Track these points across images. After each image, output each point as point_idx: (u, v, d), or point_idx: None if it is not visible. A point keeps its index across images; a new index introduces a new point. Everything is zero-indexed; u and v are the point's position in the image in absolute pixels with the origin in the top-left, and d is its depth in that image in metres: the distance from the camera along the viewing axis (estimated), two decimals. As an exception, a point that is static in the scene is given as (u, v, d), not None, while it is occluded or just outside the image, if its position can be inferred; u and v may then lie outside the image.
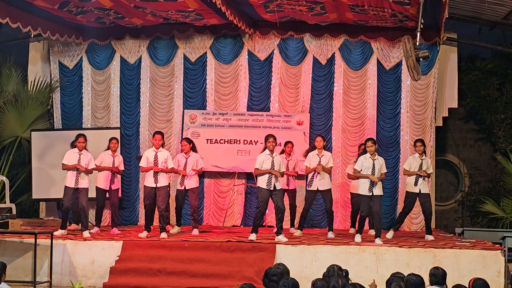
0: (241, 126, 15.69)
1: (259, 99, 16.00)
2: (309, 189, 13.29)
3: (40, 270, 11.42)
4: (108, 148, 13.98)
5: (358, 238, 12.20)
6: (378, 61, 15.71)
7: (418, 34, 11.47)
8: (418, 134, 15.34)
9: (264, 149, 12.54)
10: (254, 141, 15.58)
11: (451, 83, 15.95)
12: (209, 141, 15.49)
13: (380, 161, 12.51)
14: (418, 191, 13.08)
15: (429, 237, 12.94)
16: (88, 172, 13.13)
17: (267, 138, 12.52)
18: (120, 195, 14.81)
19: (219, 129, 15.67)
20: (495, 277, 10.76)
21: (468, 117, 17.43)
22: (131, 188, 16.02)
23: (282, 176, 12.86)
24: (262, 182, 12.34)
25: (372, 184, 12.32)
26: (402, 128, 15.63)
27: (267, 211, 15.57)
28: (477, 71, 17.15)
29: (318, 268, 10.45)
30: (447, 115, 16.09)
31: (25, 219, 14.48)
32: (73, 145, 13.37)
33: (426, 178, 13.18)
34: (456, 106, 16.14)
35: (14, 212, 14.14)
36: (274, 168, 12.34)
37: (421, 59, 11.37)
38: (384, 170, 12.65)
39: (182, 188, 13.47)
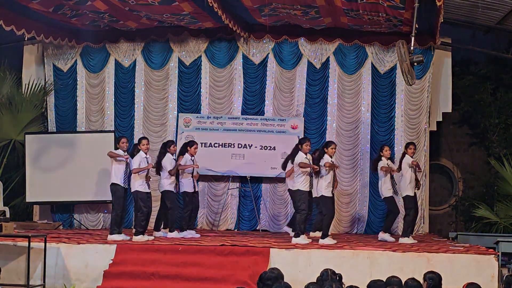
0: (235, 130, 15.68)
1: (253, 103, 16.00)
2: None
3: (33, 273, 11.39)
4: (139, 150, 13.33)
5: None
6: (372, 65, 15.74)
7: (413, 38, 11.48)
8: (412, 138, 15.34)
9: (298, 151, 12.80)
10: (249, 144, 15.59)
11: (445, 88, 15.98)
12: (203, 144, 15.43)
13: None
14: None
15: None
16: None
17: (304, 141, 12.87)
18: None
19: (214, 133, 15.66)
20: (489, 282, 10.76)
21: (462, 121, 17.46)
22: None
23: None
24: (303, 185, 12.61)
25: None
26: (396, 132, 15.64)
27: (260, 214, 15.75)
28: (471, 76, 17.18)
29: (312, 272, 10.38)
30: (441, 119, 16.12)
31: (18, 222, 14.45)
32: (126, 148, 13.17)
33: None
34: (450, 111, 16.17)
35: (7, 215, 14.12)
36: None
37: (415, 64, 11.39)
38: None
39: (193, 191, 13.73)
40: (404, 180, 13.25)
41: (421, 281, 7.49)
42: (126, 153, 12.95)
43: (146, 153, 12.94)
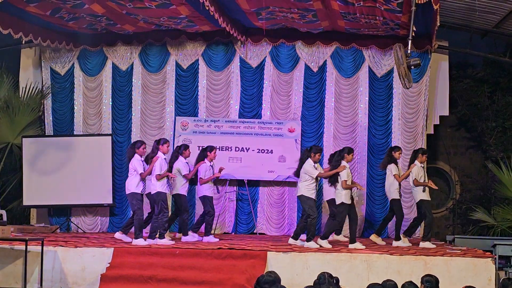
0: (232, 133, 15.69)
1: (250, 106, 16.00)
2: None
3: (30, 277, 11.37)
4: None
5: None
6: (369, 69, 15.75)
7: (410, 42, 11.49)
8: (409, 142, 15.38)
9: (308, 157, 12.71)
10: (246, 148, 15.58)
11: (442, 91, 15.99)
12: (200, 148, 15.42)
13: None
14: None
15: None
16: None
17: (317, 150, 12.78)
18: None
19: (211, 136, 15.65)
20: (486, 285, 10.76)
21: (459, 124, 17.46)
22: (123, 195, 15.95)
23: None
24: (306, 191, 12.57)
25: None
26: (393, 135, 15.65)
27: (258, 217, 15.75)
28: (468, 79, 17.19)
29: (309, 275, 10.41)
30: (438, 122, 16.13)
31: (15, 226, 14.41)
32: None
33: None
34: (448, 114, 16.19)
35: (4, 218, 14.08)
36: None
37: (412, 67, 11.39)
38: None
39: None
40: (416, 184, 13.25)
41: (419, 284, 7.51)
42: (142, 158, 12.86)
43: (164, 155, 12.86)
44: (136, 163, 12.67)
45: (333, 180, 12.68)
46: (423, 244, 12.97)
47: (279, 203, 15.77)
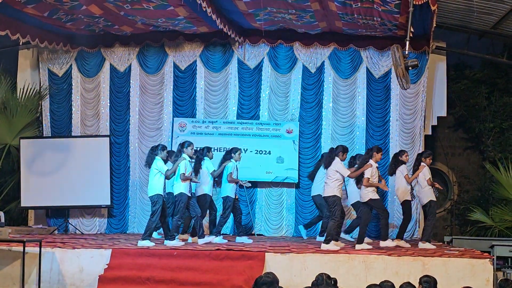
0: (230, 134, 15.69)
1: (248, 107, 16.00)
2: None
3: (28, 278, 11.35)
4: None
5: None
6: (367, 70, 15.75)
7: (407, 43, 11.48)
8: (407, 143, 15.39)
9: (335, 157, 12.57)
10: (244, 149, 15.54)
11: (440, 92, 16.00)
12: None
13: None
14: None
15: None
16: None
17: (346, 150, 12.70)
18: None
19: (209, 137, 15.64)
20: (484, 286, 10.76)
21: (457, 125, 17.48)
22: (121, 196, 15.96)
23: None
24: (338, 190, 12.40)
25: None
26: (391, 136, 15.66)
27: (256, 219, 15.74)
28: (466, 80, 17.20)
29: (307, 276, 10.39)
30: (436, 123, 16.14)
31: (13, 227, 14.38)
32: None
33: None
34: (445, 115, 16.20)
35: (2, 220, 14.07)
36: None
37: (410, 68, 11.38)
38: None
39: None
40: (425, 186, 13.22)
41: (417, 285, 7.51)
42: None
43: (191, 158, 12.87)
44: (160, 163, 12.58)
45: (359, 179, 12.71)
46: (423, 245, 12.96)
47: (277, 204, 15.77)
